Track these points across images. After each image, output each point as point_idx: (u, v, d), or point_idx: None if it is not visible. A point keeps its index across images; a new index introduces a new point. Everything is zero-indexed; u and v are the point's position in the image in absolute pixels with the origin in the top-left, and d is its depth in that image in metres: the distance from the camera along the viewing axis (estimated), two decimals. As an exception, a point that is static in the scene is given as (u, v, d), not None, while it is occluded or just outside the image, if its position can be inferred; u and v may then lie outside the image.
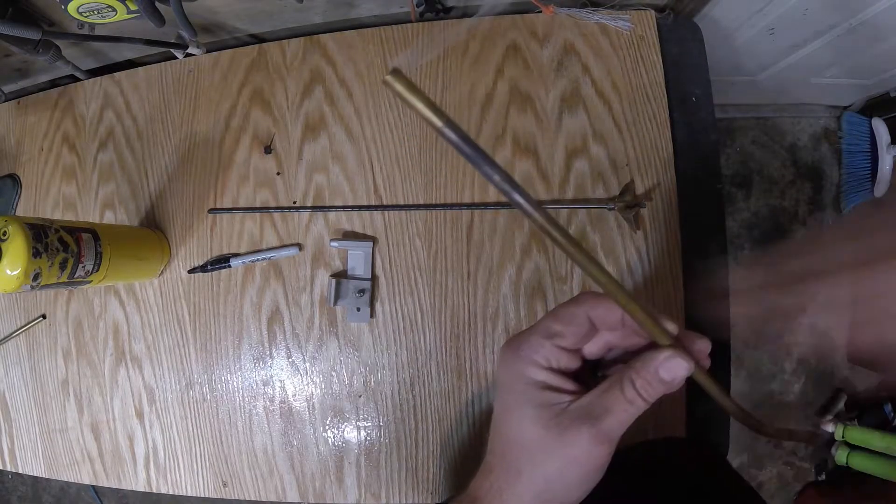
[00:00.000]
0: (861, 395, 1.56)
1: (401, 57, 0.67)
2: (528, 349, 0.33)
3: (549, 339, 0.33)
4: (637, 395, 0.31)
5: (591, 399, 0.32)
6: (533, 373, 0.33)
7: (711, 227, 0.66)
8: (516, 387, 0.33)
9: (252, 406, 0.68)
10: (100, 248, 0.59)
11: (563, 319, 0.33)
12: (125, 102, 0.75)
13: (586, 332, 0.33)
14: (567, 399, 0.32)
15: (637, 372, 0.31)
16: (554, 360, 0.33)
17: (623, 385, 0.31)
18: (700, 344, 0.32)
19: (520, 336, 0.34)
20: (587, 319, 0.33)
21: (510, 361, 0.34)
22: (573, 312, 0.33)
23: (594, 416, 0.31)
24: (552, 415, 0.32)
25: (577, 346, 0.34)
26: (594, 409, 0.31)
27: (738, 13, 0.86)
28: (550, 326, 0.33)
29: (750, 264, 0.31)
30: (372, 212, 0.67)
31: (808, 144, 1.52)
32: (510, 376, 0.34)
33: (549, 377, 0.33)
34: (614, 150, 0.65)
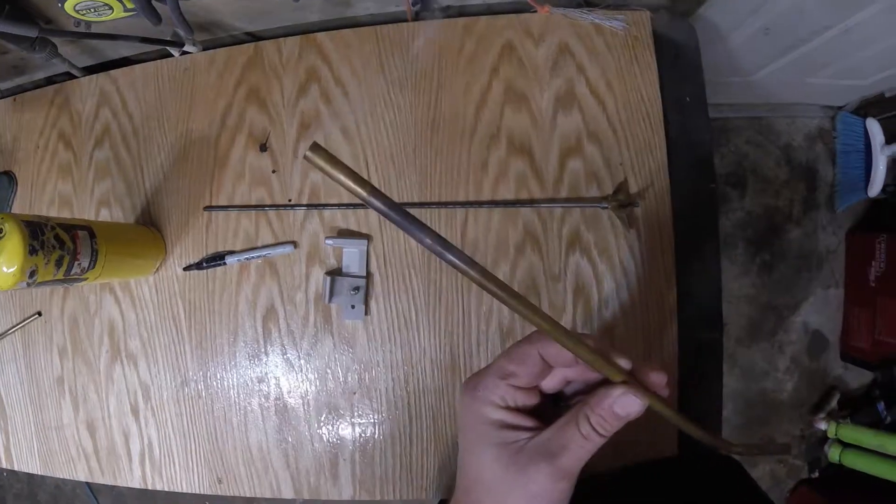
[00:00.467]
0: (854, 393, 1.57)
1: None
2: (484, 390, 0.34)
3: (503, 378, 0.34)
4: (593, 430, 0.31)
5: (549, 436, 0.32)
6: (490, 412, 0.34)
7: (704, 226, 0.67)
8: (476, 427, 0.34)
9: (247, 403, 0.69)
10: (96, 246, 0.59)
11: (516, 359, 0.34)
12: (121, 100, 0.75)
13: (540, 370, 0.34)
14: (525, 436, 0.33)
15: (592, 409, 0.32)
16: (510, 399, 0.34)
17: (579, 421, 0.32)
18: (655, 376, 0.33)
19: (477, 376, 0.35)
20: (539, 359, 0.33)
21: (468, 402, 0.35)
22: (525, 352, 0.34)
23: (552, 453, 0.32)
24: (511, 453, 0.32)
25: (532, 384, 0.35)
26: (551, 446, 0.32)
27: (733, 14, 0.86)
28: (504, 367, 0.34)
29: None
30: (367, 210, 0.67)
31: (803, 144, 1.53)
32: (469, 416, 0.35)
33: (507, 416, 0.33)
34: (608, 149, 0.65)
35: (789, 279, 1.55)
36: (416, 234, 0.25)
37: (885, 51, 1.03)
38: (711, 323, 0.66)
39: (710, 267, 0.66)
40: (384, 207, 0.24)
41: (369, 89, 0.69)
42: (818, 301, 1.55)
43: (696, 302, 0.65)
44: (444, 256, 0.25)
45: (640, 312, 0.63)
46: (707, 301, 0.66)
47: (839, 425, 1.43)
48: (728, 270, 1.53)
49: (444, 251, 0.25)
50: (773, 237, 1.53)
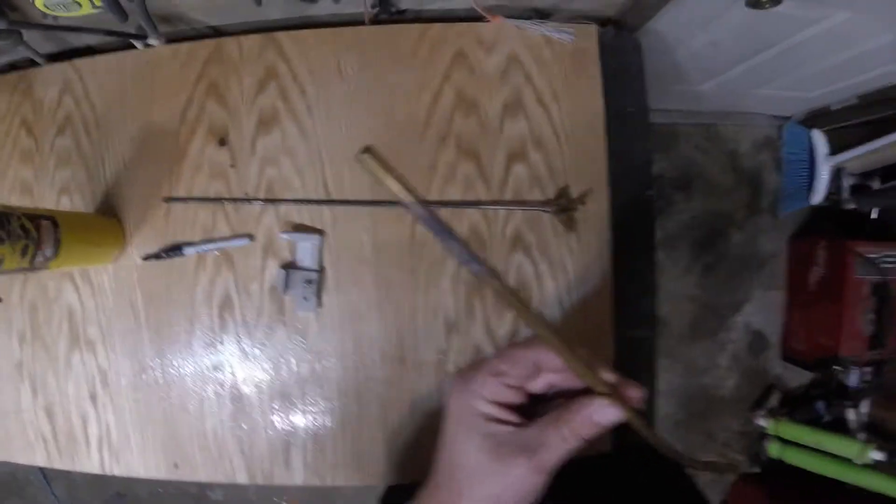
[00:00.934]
0: (794, 392, 1.64)
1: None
2: (476, 384, 0.37)
3: (495, 376, 0.37)
4: (572, 433, 0.35)
5: (531, 433, 0.36)
6: (480, 405, 0.37)
7: (641, 231, 0.71)
8: (465, 417, 0.37)
9: (203, 390, 0.71)
10: (58, 235, 0.61)
11: (509, 360, 0.37)
12: (84, 89, 0.76)
13: (530, 373, 0.37)
14: (509, 430, 0.36)
15: (573, 414, 0.35)
16: (499, 396, 0.37)
17: (559, 424, 0.35)
18: (634, 392, 0.36)
19: (469, 371, 0.38)
20: (533, 363, 0.37)
21: (460, 394, 0.38)
22: (521, 355, 0.37)
23: (532, 448, 0.35)
24: (495, 444, 0.36)
25: (520, 384, 0.38)
26: (532, 443, 0.35)
27: (681, 28, 0.90)
28: (497, 366, 0.37)
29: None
30: (321, 206, 0.69)
31: (750, 151, 1.58)
32: (459, 407, 0.38)
33: (494, 410, 0.37)
34: (552, 156, 0.69)
35: (732, 281, 1.61)
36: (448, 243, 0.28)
37: (828, 68, 1.09)
38: (645, 322, 0.71)
39: (644, 269, 0.71)
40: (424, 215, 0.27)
41: (326, 89, 0.71)
42: (760, 302, 1.62)
43: (630, 302, 0.69)
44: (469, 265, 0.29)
45: (578, 310, 0.67)
46: (641, 301, 0.70)
47: (779, 422, 1.50)
48: (671, 271, 1.58)
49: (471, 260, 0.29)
50: (716, 240, 1.59)
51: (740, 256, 1.60)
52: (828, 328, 1.43)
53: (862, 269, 1.38)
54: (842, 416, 1.49)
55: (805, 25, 0.90)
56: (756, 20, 0.84)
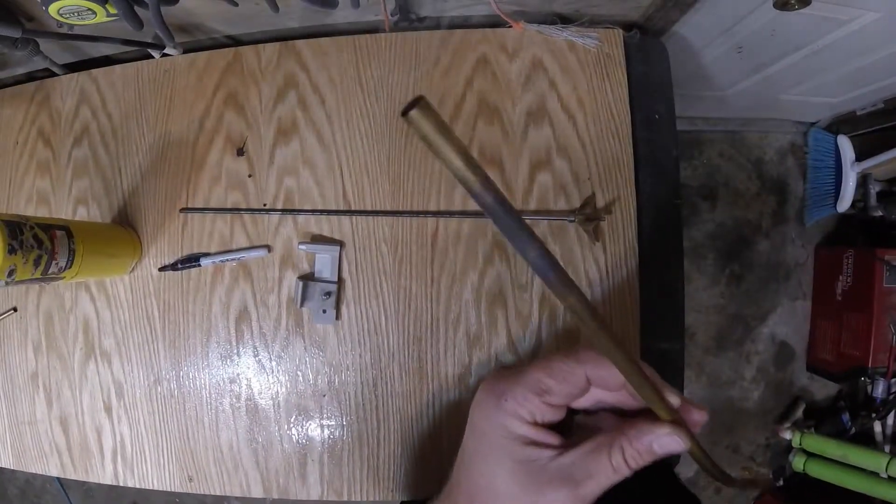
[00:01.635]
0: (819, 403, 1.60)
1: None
2: (513, 401, 0.32)
3: (538, 395, 0.31)
4: (624, 463, 0.30)
5: (573, 460, 0.31)
6: (515, 427, 0.31)
7: (669, 241, 0.69)
8: (495, 438, 0.32)
9: (219, 402, 0.70)
10: (73, 246, 0.60)
11: (557, 375, 0.31)
12: (101, 99, 0.76)
13: (581, 391, 0.32)
14: (548, 455, 0.31)
15: (630, 441, 0.30)
16: (539, 416, 0.32)
17: (612, 451, 0.30)
18: (697, 416, 0.32)
19: (503, 384, 0.33)
20: (585, 379, 0.31)
21: (490, 410, 0.32)
22: (571, 371, 0.31)
23: (575, 479, 0.30)
24: (531, 471, 0.31)
25: (567, 403, 0.33)
26: (576, 472, 0.30)
27: (706, 32, 0.89)
28: (542, 381, 0.32)
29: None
30: (340, 216, 0.68)
31: (775, 159, 1.56)
32: (489, 425, 0.32)
33: (531, 432, 0.32)
34: (577, 164, 0.67)
35: (757, 290, 1.58)
36: (521, 244, 0.21)
37: (855, 71, 1.06)
38: (673, 334, 0.69)
39: (672, 280, 0.68)
40: (493, 204, 0.20)
41: (346, 98, 0.70)
42: (785, 312, 1.59)
43: (658, 313, 0.67)
44: (545, 276, 0.22)
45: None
46: (669, 313, 0.68)
47: (804, 435, 1.47)
48: (697, 281, 1.56)
49: (548, 270, 0.22)
50: (742, 249, 1.56)
51: (766, 265, 1.57)
52: (855, 339, 1.40)
53: (891, 278, 1.35)
54: (868, 428, 1.45)
55: (834, 27, 0.88)
56: (783, 22, 0.82)
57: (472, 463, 0.33)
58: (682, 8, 0.72)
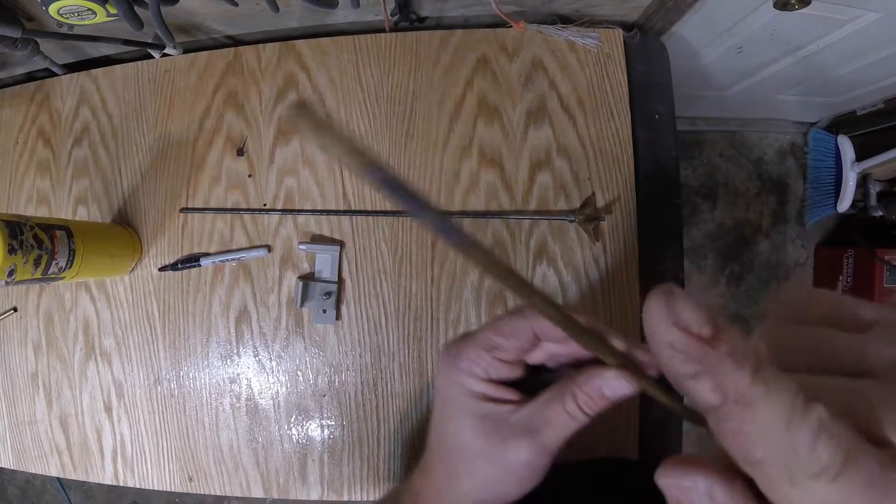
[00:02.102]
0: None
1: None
2: (468, 360, 0.33)
3: (488, 351, 0.32)
4: (578, 409, 0.30)
5: (532, 411, 0.32)
6: (472, 384, 0.33)
7: (669, 240, 0.69)
8: (456, 397, 0.33)
9: (219, 402, 0.70)
10: (73, 246, 0.60)
11: (504, 332, 0.32)
12: (101, 99, 0.76)
13: (529, 345, 0.33)
14: (507, 409, 0.32)
15: (580, 387, 0.30)
16: (493, 372, 0.33)
17: (565, 399, 0.31)
18: (646, 357, 0.31)
19: (458, 345, 0.34)
20: (531, 333, 0.32)
21: (448, 371, 0.34)
22: (518, 325, 0.32)
23: (534, 428, 0.31)
24: (492, 425, 0.32)
25: (518, 358, 0.33)
26: (534, 422, 0.31)
27: (705, 32, 0.89)
28: (491, 338, 0.32)
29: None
30: (340, 216, 0.68)
31: (774, 158, 1.56)
32: (449, 386, 0.34)
33: (489, 388, 0.33)
34: (577, 164, 0.67)
35: (757, 290, 1.57)
36: (415, 212, 0.22)
37: (855, 71, 1.06)
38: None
39: (672, 280, 0.68)
40: (383, 182, 0.21)
41: (346, 98, 0.70)
42: (786, 313, 1.58)
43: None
44: (445, 236, 0.23)
45: (604, 322, 0.65)
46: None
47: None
48: (697, 281, 1.56)
49: (449, 231, 0.23)
50: (742, 249, 1.56)
51: (767, 265, 1.57)
52: (855, 339, 1.39)
53: (891, 278, 1.35)
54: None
55: (834, 27, 0.88)
56: (783, 22, 0.82)
57: (440, 425, 0.35)
58: (682, 8, 0.72)
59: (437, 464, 0.35)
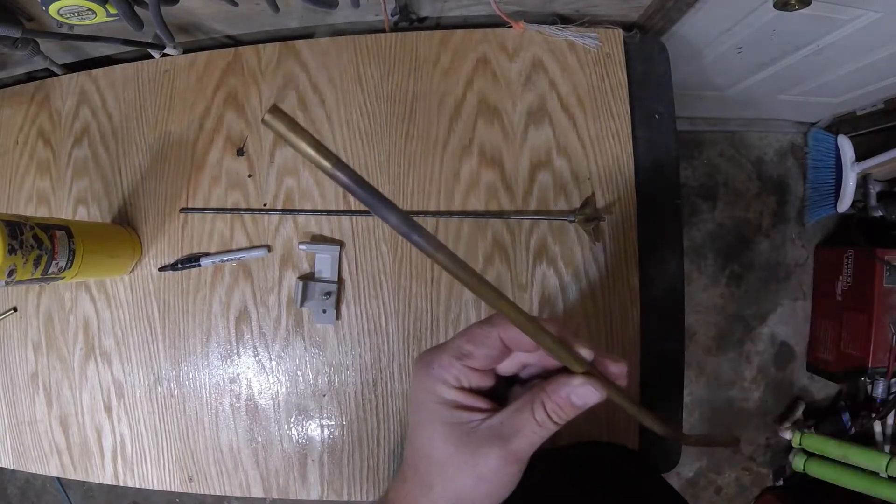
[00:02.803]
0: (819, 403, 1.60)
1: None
2: (439, 368, 0.33)
3: (459, 359, 0.33)
4: (547, 418, 0.31)
5: (502, 419, 0.32)
6: (443, 391, 0.33)
7: (669, 241, 0.69)
8: (427, 405, 0.34)
9: (219, 403, 0.70)
10: (73, 246, 0.60)
11: (474, 340, 0.33)
12: (101, 99, 0.75)
13: (499, 353, 0.33)
14: (478, 418, 0.33)
15: (548, 395, 0.31)
16: (465, 380, 0.33)
17: (534, 407, 0.31)
18: (615, 367, 0.33)
19: (432, 353, 0.34)
20: (500, 341, 0.33)
21: (421, 378, 0.34)
22: (485, 334, 0.33)
23: (504, 436, 0.31)
24: (463, 433, 0.32)
25: (488, 366, 0.34)
26: (504, 430, 0.32)
27: (706, 32, 0.88)
28: (462, 346, 0.33)
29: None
30: (340, 216, 0.68)
31: (775, 159, 1.56)
32: (422, 393, 0.34)
33: (460, 396, 0.33)
34: (577, 163, 0.67)
35: (758, 290, 1.58)
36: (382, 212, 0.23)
37: (855, 71, 1.06)
38: (674, 334, 0.69)
39: (673, 280, 0.68)
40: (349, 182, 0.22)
41: (346, 98, 0.70)
42: (785, 312, 1.59)
43: (659, 314, 0.67)
44: (409, 237, 0.24)
45: (604, 322, 0.65)
46: (670, 313, 0.68)
47: (804, 435, 1.46)
48: (697, 281, 1.56)
49: (410, 231, 0.24)
50: (742, 249, 1.57)
51: (767, 266, 1.57)
52: (855, 339, 1.39)
53: (891, 278, 1.34)
54: (868, 428, 1.45)
55: (834, 27, 0.88)
56: (783, 22, 0.82)
57: (413, 434, 0.35)
58: (682, 8, 0.72)
59: (410, 472, 0.35)
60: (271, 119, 0.21)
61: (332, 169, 0.22)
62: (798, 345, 1.59)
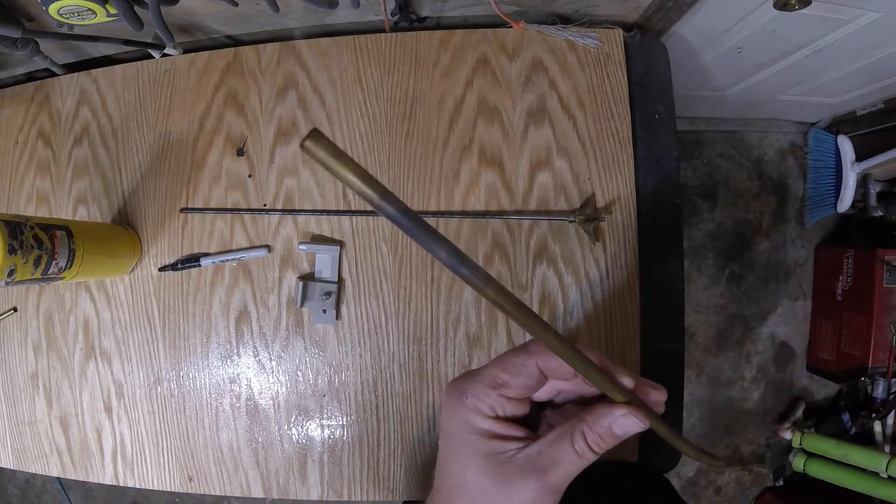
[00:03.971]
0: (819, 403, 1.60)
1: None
2: (473, 398, 0.32)
3: (494, 389, 0.32)
4: (587, 448, 0.30)
5: (540, 449, 0.31)
6: (478, 422, 0.32)
7: (668, 241, 0.69)
8: (461, 435, 0.33)
9: (219, 403, 0.70)
10: (73, 246, 0.60)
11: (510, 369, 0.32)
12: (101, 99, 0.75)
13: (535, 383, 0.33)
14: (514, 447, 0.32)
15: (589, 426, 0.30)
16: (500, 409, 0.32)
17: (574, 438, 0.31)
18: (655, 395, 0.32)
19: (463, 381, 0.34)
20: (537, 371, 0.32)
21: (454, 409, 0.33)
22: (523, 363, 0.32)
23: (541, 467, 0.31)
24: (498, 464, 0.31)
25: (525, 395, 0.33)
26: (542, 461, 0.31)
27: (706, 32, 0.88)
28: (497, 376, 0.32)
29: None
30: (340, 216, 0.68)
31: (775, 159, 1.56)
32: (454, 424, 0.33)
33: (495, 426, 0.32)
34: (577, 164, 0.67)
35: (757, 290, 1.58)
36: (430, 246, 0.22)
37: (855, 71, 1.06)
38: (673, 334, 0.69)
39: (673, 280, 0.68)
40: (397, 214, 0.21)
41: (346, 98, 0.70)
42: (786, 312, 1.59)
43: (658, 313, 0.67)
44: (458, 271, 0.23)
45: (604, 322, 0.65)
46: (669, 313, 0.68)
47: (804, 435, 1.46)
48: (697, 281, 1.56)
49: (460, 266, 0.23)
50: (742, 249, 1.57)
51: (766, 265, 1.57)
52: (855, 339, 1.39)
53: (891, 278, 1.34)
54: (868, 428, 1.45)
55: (833, 27, 0.88)
56: (783, 22, 0.82)
57: (445, 464, 0.34)
58: (682, 8, 0.72)
59: (441, 502, 0.34)
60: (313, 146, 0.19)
61: (380, 200, 0.20)
62: (798, 345, 1.59)
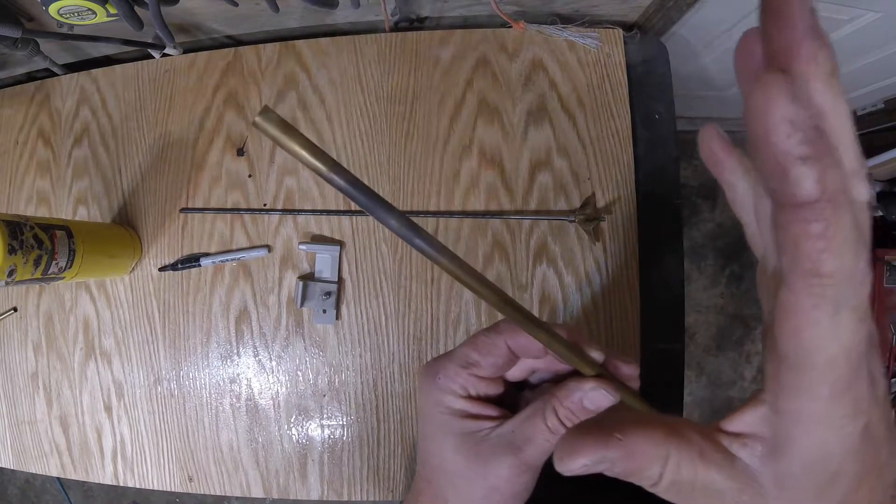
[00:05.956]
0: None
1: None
2: (445, 378, 0.32)
3: (465, 368, 0.32)
4: (560, 424, 0.30)
5: (513, 427, 0.31)
6: (451, 402, 0.32)
7: (669, 241, 0.69)
8: (435, 416, 0.33)
9: (219, 402, 0.70)
10: (73, 246, 0.60)
11: (480, 348, 0.32)
12: (101, 99, 0.75)
13: (506, 361, 0.32)
14: (488, 426, 0.32)
15: (560, 401, 0.30)
16: (472, 389, 0.32)
17: (546, 414, 0.30)
18: (626, 369, 0.32)
19: (436, 363, 0.34)
20: (507, 349, 0.32)
21: (428, 390, 0.33)
22: (492, 342, 0.32)
23: (515, 445, 0.31)
24: (473, 443, 0.32)
25: (496, 374, 0.33)
26: (515, 438, 0.31)
27: (705, 32, 0.89)
28: (468, 355, 0.32)
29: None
30: (340, 216, 0.68)
31: (775, 159, 1.56)
32: (429, 405, 0.33)
33: (468, 405, 0.32)
34: (577, 163, 0.67)
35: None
36: (381, 215, 0.22)
37: (855, 71, 1.06)
38: (673, 334, 0.69)
39: (673, 280, 0.68)
40: (346, 185, 0.21)
41: (346, 98, 0.70)
42: (786, 312, 1.58)
43: (658, 313, 0.67)
44: (411, 241, 0.23)
45: (604, 322, 0.65)
46: (670, 313, 0.68)
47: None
48: (698, 281, 1.56)
49: (413, 235, 0.23)
50: (742, 249, 1.56)
51: (766, 265, 1.57)
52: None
53: (891, 278, 1.34)
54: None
55: (833, 27, 0.88)
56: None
57: (423, 446, 0.34)
58: (682, 8, 0.72)
59: (423, 485, 0.34)
60: (262, 121, 0.20)
61: (328, 172, 0.21)
62: (798, 345, 1.59)
